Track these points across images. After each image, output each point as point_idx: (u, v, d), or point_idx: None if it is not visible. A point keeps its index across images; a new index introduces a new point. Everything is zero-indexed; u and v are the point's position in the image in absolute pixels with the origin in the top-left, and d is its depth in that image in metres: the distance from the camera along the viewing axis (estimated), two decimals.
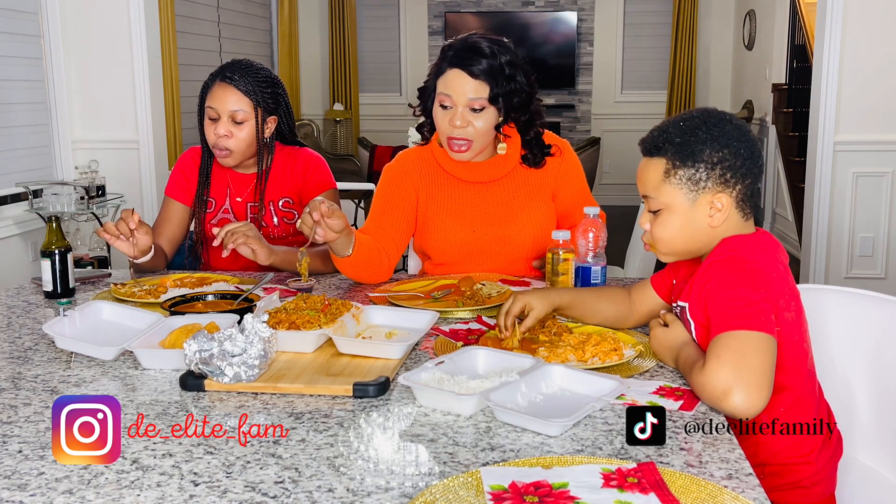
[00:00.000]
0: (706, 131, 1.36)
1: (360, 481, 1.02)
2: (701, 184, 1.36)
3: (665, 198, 1.39)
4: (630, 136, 7.98)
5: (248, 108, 2.14)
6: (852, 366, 1.65)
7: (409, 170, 2.10)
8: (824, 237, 4.12)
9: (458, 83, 1.92)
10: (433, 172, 2.09)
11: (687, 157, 1.36)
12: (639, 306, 1.61)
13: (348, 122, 8.23)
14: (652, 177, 1.40)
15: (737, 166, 1.35)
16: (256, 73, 2.16)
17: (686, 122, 1.38)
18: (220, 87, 2.14)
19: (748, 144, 1.37)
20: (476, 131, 1.95)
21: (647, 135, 1.43)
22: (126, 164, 4.28)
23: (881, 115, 4.00)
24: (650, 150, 1.41)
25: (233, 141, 2.14)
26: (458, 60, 1.93)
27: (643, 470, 1.01)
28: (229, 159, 2.17)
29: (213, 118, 2.14)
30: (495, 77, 1.92)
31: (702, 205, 1.37)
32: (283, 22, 7.27)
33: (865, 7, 3.93)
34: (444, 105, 1.95)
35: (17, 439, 1.15)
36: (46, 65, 4.11)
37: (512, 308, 1.52)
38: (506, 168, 2.07)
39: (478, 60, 1.91)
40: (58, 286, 1.91)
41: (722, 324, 1.25)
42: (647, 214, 1.43)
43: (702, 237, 1.39)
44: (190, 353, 1.31)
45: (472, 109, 1.93)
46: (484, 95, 1.92)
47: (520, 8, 8.24)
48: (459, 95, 1.92)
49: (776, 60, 6.45)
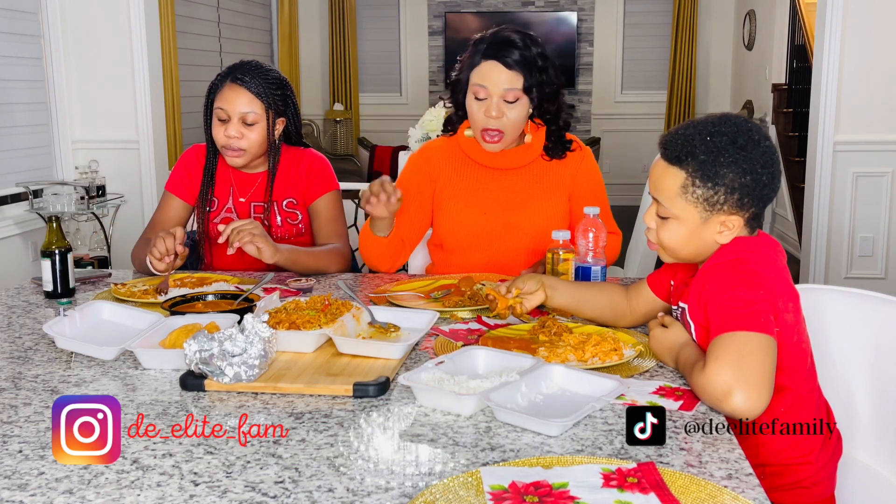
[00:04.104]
0: (732, 154, 1.31)
1: (360, 481, 1.02)
2: (717, 206, 1.33)
3: (677, 210, 1.36)
4: (630, 136, 8.06)
5: (260, 109, 2.13)
6: (852, 366, 1.64)
7: (430, 157, 2.17)
8: (824, 237, 4.12)
9: (493, 74, 1.97)
10: (456, 158, 2.15)
11: (708, 179, 1.32)
12: (636, 306, 1.61)
13: (348, 122, 8.23)
14: (668, 186, 1.36)
15: (755, 192, 1.32)
16: (267, 75, 2.16)
17: (714, 137, 1.32)
18: (231, 89, 2.13)
19: (771, 169, 1.33)
20: (509, 121, 2.01)
21: (669, 136, 1.37)
22: (126, 164, 4.28)
23: (881, 115, 4.00)
24: (671, 157, 1.36)
25: (244, 142, 2.14)
26: (492, 52, 1.98)
27: (643, 470, 1.01)
28: (239, 160, 2.17)
29: (224, 119, 2.13)
30: (529, 68, 1.98)
31: (713, 223, 1.35)
32: (283, 22, 7.27)
33: (865, 7, 3.93)
34: (479, 97, 2.00)
35: (17, 439, 1.15)
36: (46, 65, 4.11)
37: (514, 282, 1.59)
38: (527, 158, 2.11)
39: (512, 52, 1.97)
40: (58, 286, 1.91)
41: (721, 325, 1.25)
42: (654, 214, 1.41)
43: (707, 248, 1.39)
44: (190, 353, 1.31)
45: (507, 101, 1.99)
46: (518, 86, 1.98)
47: (520, 8, 8.24)
48: (495, 86, 1.97)
49: (776, 60, 6.45)
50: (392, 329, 1.54)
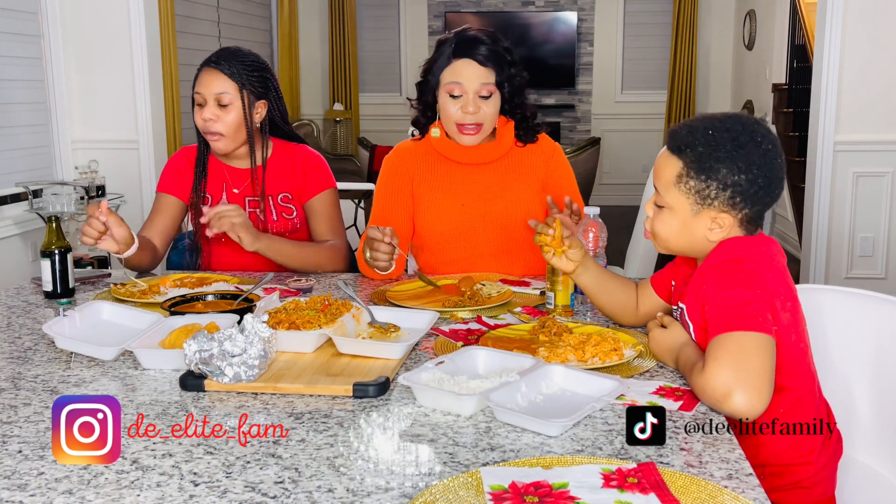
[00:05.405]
0: (730, 150, 1.32)
1: (360, 481, 1.02)
2: (708, 200, 1.35)
3: (671, 199, 1.38)
4: (630, 136, 8.06)
5: (233, 90, 2.14)
6: (852, 366, 1.64)
7: (405, 158, 2.20)
8: (824, 237, 4.12)
9: (467, 72, 2.02)
10: (428, 157, 2.18)
11: (701, 171, 1.34)
12: (641, 304, 1.62)
13: (348, 122, 8.23)
14: (666, 174, 1.39)
15: (749, 193, 1.33)
16: (243, 58, 2.18)
17: (716, 131, 1.34)
18: (206, 72, 2.16)
19: (770, 172, 1.33)
20: (486, 115, 2.06)
21: (677, 126, 1.40)
22: (126, 164, 4.28)
23: (881, 116, 4.00)
24: (672, 147, 1.39)
25: (220, 124, 2.14)
26: (463, 51, 2.03)
27: (643, 470, 1.01)
28: (220, 143, 2.17)
29: (201, 103, 2.16)
30: (500, 63, 2.04)
31: (703, 218, 1.36)
32: (283, 22, 7.26)
33: (865, 7, 3.93)
34: (454, 94, 2.03)
35: (17, 439, 1.15)
36: (46, 65, 4.11)
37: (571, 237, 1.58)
38: (499, 151, 2.14)
39: (482, 49, 2.03)
40: (58, 286, 1.91)
41: (719, 325, 1.25)
42: (653, 203, 1.43)
43: (697, 244, 1.40)
44: (190, 353, 1.31)
45: (481, 96, 2.03)
46: (491, 81, 2.03)
47: (520, 8, 8.23)
48: (469, 83, 2.02)
49: (776, 60, 6.45)
50: (392, 329, 1.54)
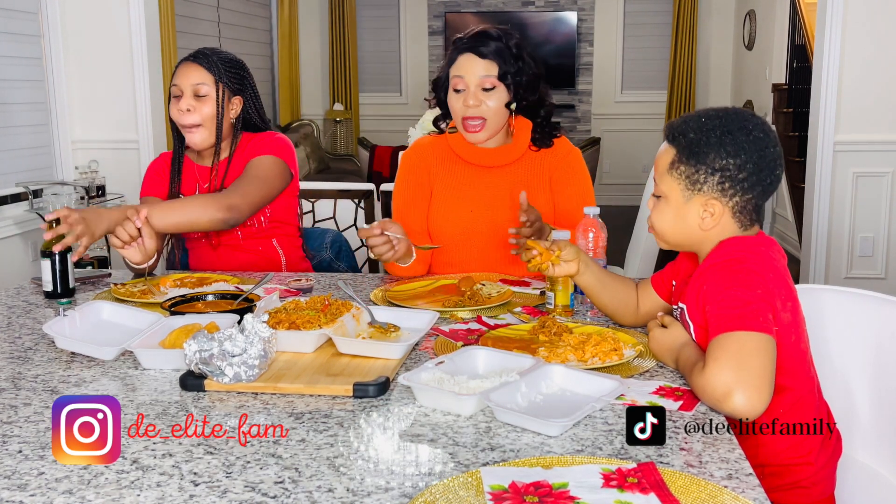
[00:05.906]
0: (719, 136, 1.35)
1: (360, 481, 1.02)
2: (698, 185, 1.37)
3: (665, 187, 1.41)
4: (630, 136, 8.06)
5: (210, 82, 2.15)
6: (852, 366, 1.65)
7: (423, 154, 2.20)
8: (824, 237, 4.12)
9: (468, 65, 2.04)
10: (445, 156, 2.18)
11: (691, 156, 1.36)
12: (641, 304, 1.62)
13: (348, 122, 8.23)
14: (661, 163, 1.42)
15: (738, 178, 1.35)
16: (220, 54, 2.21)
17: (709, 119, 1.38)
18: (184, 66, 2.18)
19: (760, 160, 1.35)
20: (489, 109, 2.05)
21: (676, 119, 1.44)
22: (126, 164, 4.28)
23: (881, 115, 4.00)
24: (668, 136, 1.42)
25: (197, 116, 2.14)
26: (467, 46, 2.05)
27: (643, 470, 1.01)
28: (197, 136, 2.16)
29: (177, 95, 2.16)
30: (503, 56, 2.04)
31: (695, 205, 1.38)
32: (283, 22, 7.26)
33: (865, 7, 3.93)
34: (458, 89, 2.05)
35: (17, 439, 1.15)
36: (46, 65, 4.11)
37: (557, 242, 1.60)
38: (514, 154, 2.14)
39: (486, 43, 2.04)
40: (58, 286, 1.91)
41: (719, 325, 1.25)
42: (652, 196, 1.45)
43: (693, 235, 1.41)
44: (190, 353, 1.31)
45: (484, 89, 2.04)
46: (494, 73, 2.03)
47: (520, 8, 8.23)
48: (471, 76, 2.03)
49: (776, 60, 6.45)
50: (392, 329, 1.54)
